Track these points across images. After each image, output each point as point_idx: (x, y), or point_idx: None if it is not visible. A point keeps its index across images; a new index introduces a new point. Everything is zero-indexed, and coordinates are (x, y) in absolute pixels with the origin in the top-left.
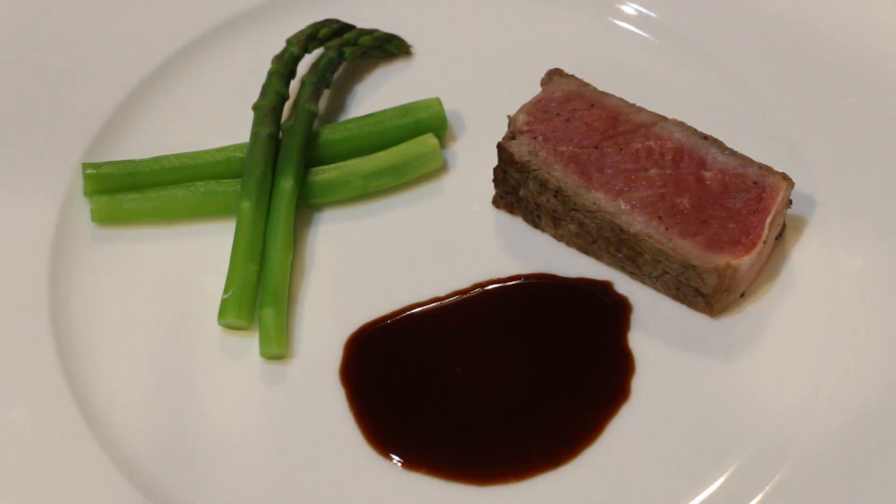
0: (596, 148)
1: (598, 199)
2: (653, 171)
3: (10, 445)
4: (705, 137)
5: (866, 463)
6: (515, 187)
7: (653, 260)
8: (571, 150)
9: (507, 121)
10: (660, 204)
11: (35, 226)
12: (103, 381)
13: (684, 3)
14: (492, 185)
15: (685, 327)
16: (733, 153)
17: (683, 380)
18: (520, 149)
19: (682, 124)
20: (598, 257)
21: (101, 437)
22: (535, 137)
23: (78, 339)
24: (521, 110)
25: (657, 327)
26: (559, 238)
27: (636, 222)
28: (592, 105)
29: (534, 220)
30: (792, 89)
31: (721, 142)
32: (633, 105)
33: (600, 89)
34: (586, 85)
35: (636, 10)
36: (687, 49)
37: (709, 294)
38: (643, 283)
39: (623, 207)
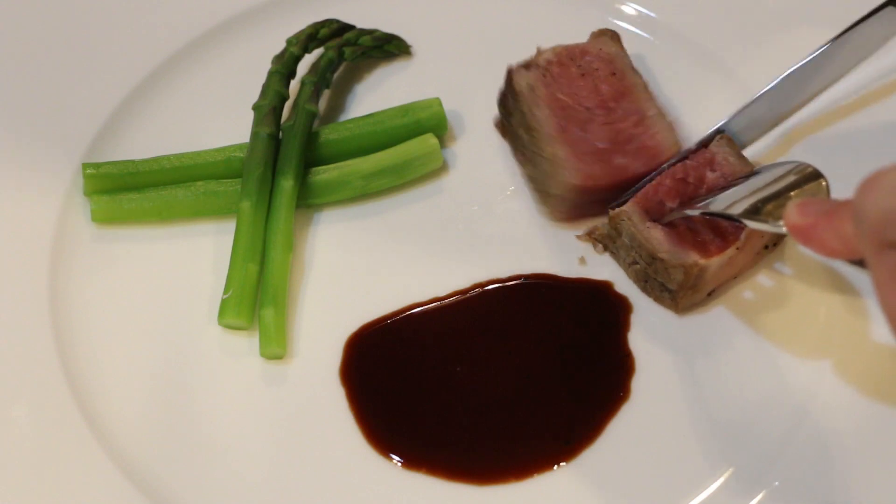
0: (587, 109)
1: (557, 152)
2: (618, 160)
3: (10, 445)
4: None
5: (865, 462)
6: (510, 113)
7: (627, 245)
8: (566, 100)
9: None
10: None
11: (35, 226)
12: (103, 381)
13: (684, 3)
14: (492, 184)
15: (685, 327)
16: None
17: (683, 380)
18: (521, 79)
19: (671, 128)
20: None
21: (101, 437)
22: (544, 76)
23: (78, 338)
24: (551, 49)
25: (657, 327)
26: (525, 177)
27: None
28: (614, 73)
29: (515, 151)
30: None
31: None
32: (651, 94)
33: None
34: (625, 56)
35: (636, 10)
36: (687, 49)
37: (674, 290)
38: (619, 265)
39: (570, 171)
